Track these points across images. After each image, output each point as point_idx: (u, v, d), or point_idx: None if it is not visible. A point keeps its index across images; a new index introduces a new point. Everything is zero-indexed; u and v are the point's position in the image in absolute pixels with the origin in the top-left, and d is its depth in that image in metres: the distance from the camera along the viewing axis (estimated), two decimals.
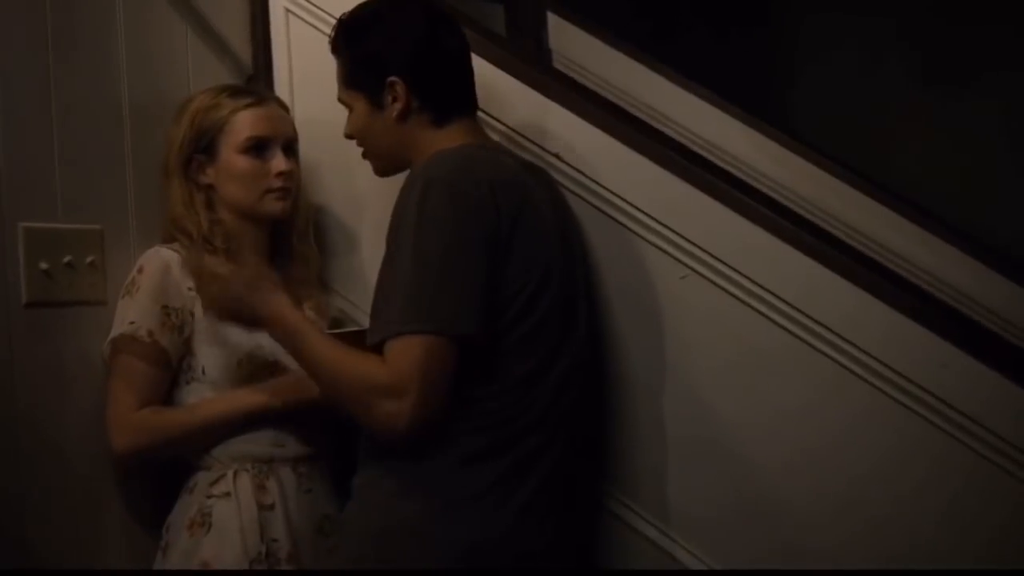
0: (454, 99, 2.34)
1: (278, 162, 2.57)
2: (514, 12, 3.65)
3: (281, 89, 2.80)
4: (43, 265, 2.39)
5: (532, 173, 2.35)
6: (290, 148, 2.62)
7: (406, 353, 2.06)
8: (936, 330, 2.19)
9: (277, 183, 2.57)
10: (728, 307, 2.34)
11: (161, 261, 2.49)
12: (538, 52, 3.55)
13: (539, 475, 2.18)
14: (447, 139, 2.28)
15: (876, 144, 4.51)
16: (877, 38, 4.71)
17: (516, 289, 2.14)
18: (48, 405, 2.41)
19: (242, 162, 2.55)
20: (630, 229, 2.42)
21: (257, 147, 2.56)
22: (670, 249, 2.38)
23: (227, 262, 2.48)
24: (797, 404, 2.29)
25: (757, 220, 2.32)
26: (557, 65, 3.54)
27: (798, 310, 2.29)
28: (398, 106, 2.29)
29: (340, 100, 2.38)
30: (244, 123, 2.56)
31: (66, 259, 2.43)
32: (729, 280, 2.34)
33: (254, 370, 2.48)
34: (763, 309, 2.31)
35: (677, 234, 2.37)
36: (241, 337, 2.46)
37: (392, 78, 2.28)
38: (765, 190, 3.26)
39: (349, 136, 2.40)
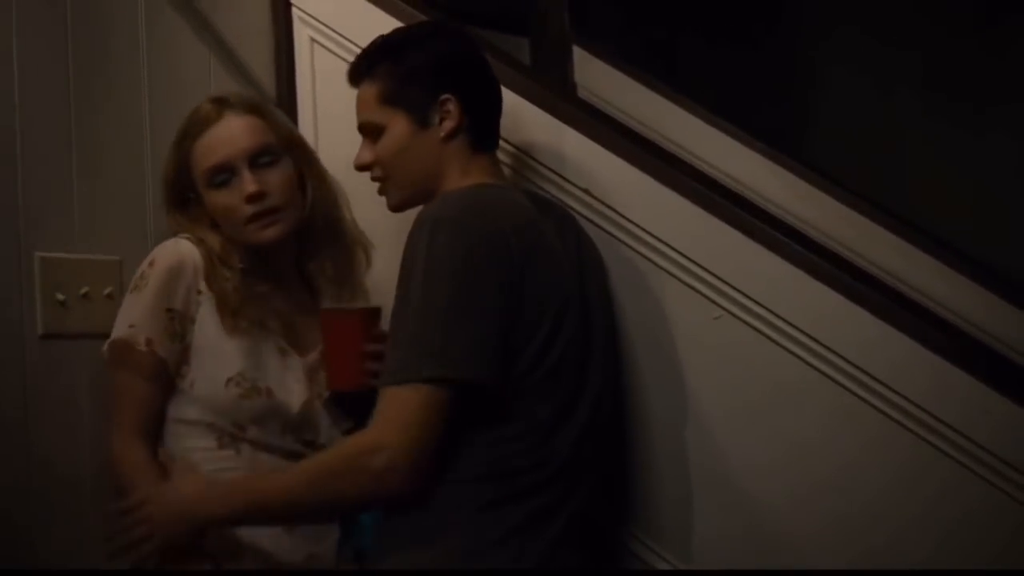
0: (494, 126, 2.30)
1: (242, 188, 2.33)
2: (539, 45, 3.62)
3: (305, 119, 2.76)
4: (59, 296, 2.35)
5: (548, 212, 2.30)
6: (261, 159, 2.36)
7: (399, 403, 2.01)
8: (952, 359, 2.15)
9: (251, 209, 2.33)
10: (757, 345, 2.29)
11: (175, 256, 2.33)
12: (563, 85, 3.51)
13: (561, 521, 2.12)
14: (473, 175, 2.23)
15: (889, 173, 4.47)
16: (892, 68, 4.68)
17: (532, 329, 2.08)
18: (62, 437, 2.37)
19: (214, 198, 2.35)
20: (660, 267, 2.36)
21: (219, 177, 2.34)
22: (700, 287, 2.33)
23: (250, 282, 2.37)
24: (814, 436, 2.24)
25: (790, 257, 2.27)
26: (581, 98, 3.50)
27: (828, 347, 2.23)
28: (449, 124, 2.22)
29: (367, 123, 2.28)
30: (200, 156, 2.35)
31: (83, 290, 2.39)
32: (758, 318, 2.28)
33: (243, 393, 2.32)
34: (790, 346, 2.26)
35: (708, 271, 2.32)
36: (237, 354, 2.33)
37: (445, 95, 2.22)
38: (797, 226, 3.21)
39: (367, 166, 2.30)
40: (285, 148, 2.41)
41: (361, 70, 2.29)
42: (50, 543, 2.32)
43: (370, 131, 2.28)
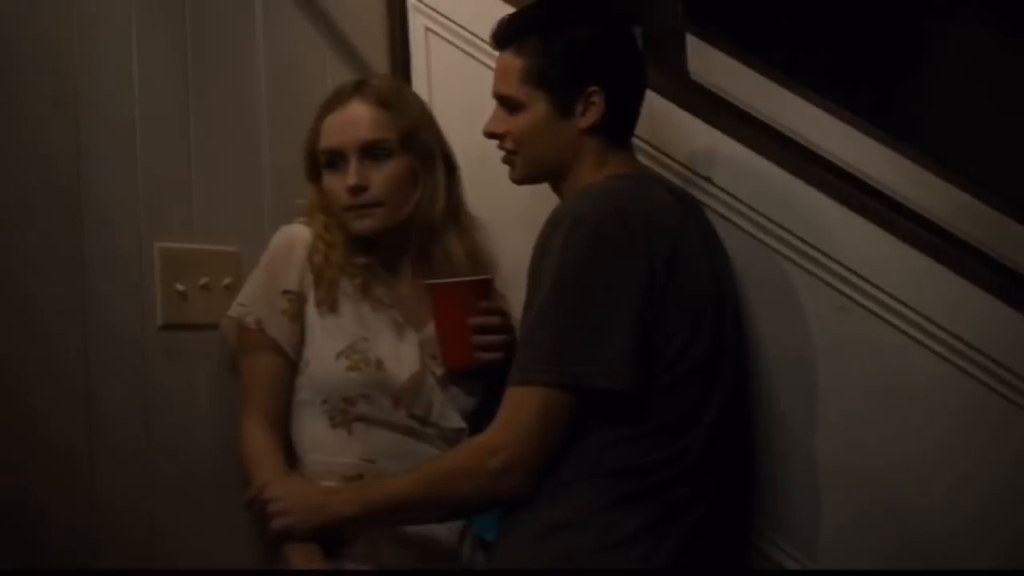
0: (634, 119, 2.25)
1: (347, 176, 2.34)
2: (653, 34, 3.55)
3: None
4: (179, 287, 2.35)
5: (683, 203, 2.24)
6: (371, 153, 2.35)
7: (520, 404, 2.02)
8: None
9: (348, 200, 2.35)
10: (885, 336, 2.23)
11: (286, 239, 2.39)
12: (678, 74, 3.45)
13: (691, 519, 2.08)
14: (609, 166, 2.18)
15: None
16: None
17: (673, 329, 2.05)
18: (181, 428, 2.37)
19: (325, 179, 2.39)
20: (784, 255, 2.31)
21: (332, 161, 2.37)
22: (827, 277, 2.27)
23: (356, 259, 2.39)
24: (946, 428, 2.18)
25: (921, 247, 2.21)
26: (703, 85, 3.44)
27: (958, 337, 2.17)
28: (592, 117, 2.17)
29: (505, 96, 2.22)
30: (323, 135, 2.38)
31: (202, 281, 2.39)
32: (887, 308, 2.22)
33: (352, 365, 2.31)
34: (920, 336, 2.20)
35: (836, 261, 2.26)
36: (348, 327, 2.34)
37: (593, 87, 2.16)
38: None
39: (498, 135, 2.25)
40: (403, 144, 2.38)
41: (508, 37, 2.23)
42: (175, 532, 2.33)
43: (506, 104, 2.23)
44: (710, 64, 3.64)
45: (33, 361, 2.15)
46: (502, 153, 2.28)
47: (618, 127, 2.20)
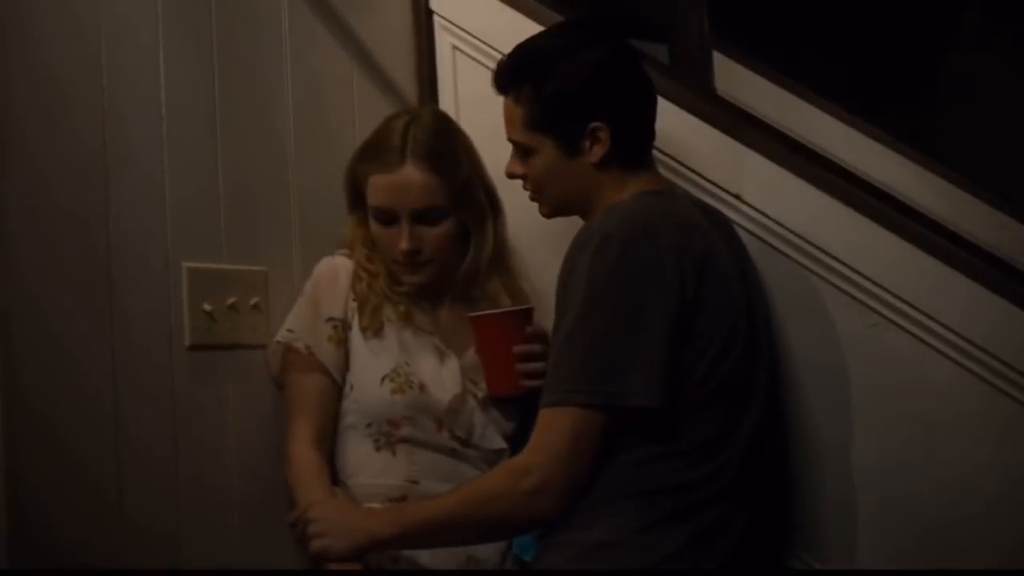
0: (648, 141, 2.23)
1: (399, 238, 2.38)
2: (678, 50, 3.54)
3: None
4: (207, 307, 2.34)
5: (709, 217, 2.23)
6: (424, 216, 2.38)
7: (553, 426, 2.01)
8: None
9: (402, 258, 2.40)
10: (920, 355, 2.21)
11: (330, 268, 2.45)
12: (704, 90, 3.44)
13: (730, 539, 2.07)
14: (632, 186, 2.17)
15: None
16: None
17: (704, 346, 2.04)
18: (209, 448, 2.35)
19: (374, 227, 2.43)
20: (816, 273, 2.30)
21: (383, 217, 2.40)
22: (859, 295, 2.26)
23: (414, 297, 2.45)
24: (990, 455, 2.16)
25: (956, 265, 2.19)
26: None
27: (995, 357, 2.15)
28: (600, 151, 2.16)
29: (515, 142, 2.24)
30: (374, 188, 2.40)
31: (230, 301, 2.38)
32: (921, 327, 2.21)
33: (396, 388, 2.36)
34: (952, 353, 2.18)
35: (867, 278, 2.25)
36: (391, 353, 2.39)
37: (595, 123, 2.15)
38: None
39: (517, 176, 2.27)
40: (456, 205, 2.41)
41: (505, 83, 2.23)
42: (203, 555, 2.31)
43: (518, 148, 2.24)
44: (736, 81, 3.63)
45: (60, 383, 2.13)
46: None
47: (631, 152, 2.20)
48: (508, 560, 2.38)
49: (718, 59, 3.62)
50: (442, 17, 2.79)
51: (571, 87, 2.15)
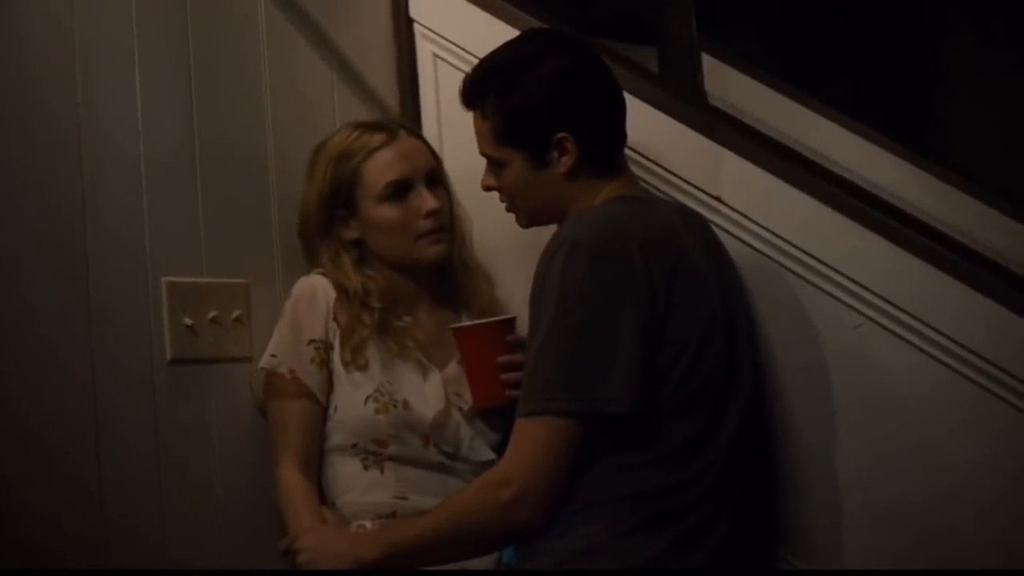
0: (618, 146, 2.22)
1: (424, 201, 2.41)
2: (667, 53, 3.53)
3: (429, 136, 2.70)
4: (187, 321, 2.33)
5: (686, 220, 2.22)
6: (433, 179, 2.45)
7: (528, 436, 2.01)
8: None
9: (427, 225, 2.41)
10: (905, 356, 2.19)
11: (309, 289, 2.42)
12: (693, 93, 3.43)
13: (712, 543, 2.05)
14: (605, 192, 2.16)
15: None
16: None
17: (678, 350, 2.02)
18: (191, 462, 2.35)
19: (386, 212, 2.42)
20: (798, 275, 2.28)
21: (397, 191, 2.41)
22: (843, 296, 2.24)
23: (388, 319, 2.43)
24: (977, 457, 2.14)
25: (940, 265, 2.17)
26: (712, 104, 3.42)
27: (984, 359, 2.12)
28: (568, 161, 2.15)
29: (485, 155, 2.24)
30: (378, 169, 2.41)
31: (211, 314, 2.38)
32: (907, 327, 2.18)
33: (380, 407, 2.36)
34: (938, 354, 2.16)
35: (851, 280, 2.23)
36: (372, 372, 2.38)
37: (561, 134, 2.14)
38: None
39: (493, 188, 2.27)
40: (442, 176, 2.49)
41: (470, 98, 2.23)
42: (182, 561, 2.31)
43: (490, 162, 2.25)
44: (726, 83, 3.63)
45: (42, 398, 2.14)
46: None
47: (601, 159, 2.18)
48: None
49: (708, 61, 3.62)
50: (423, 26, 2.77)
51: (533, 100, 2.15)
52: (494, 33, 2.55)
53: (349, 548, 2.14)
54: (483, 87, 2.21)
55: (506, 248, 2.56)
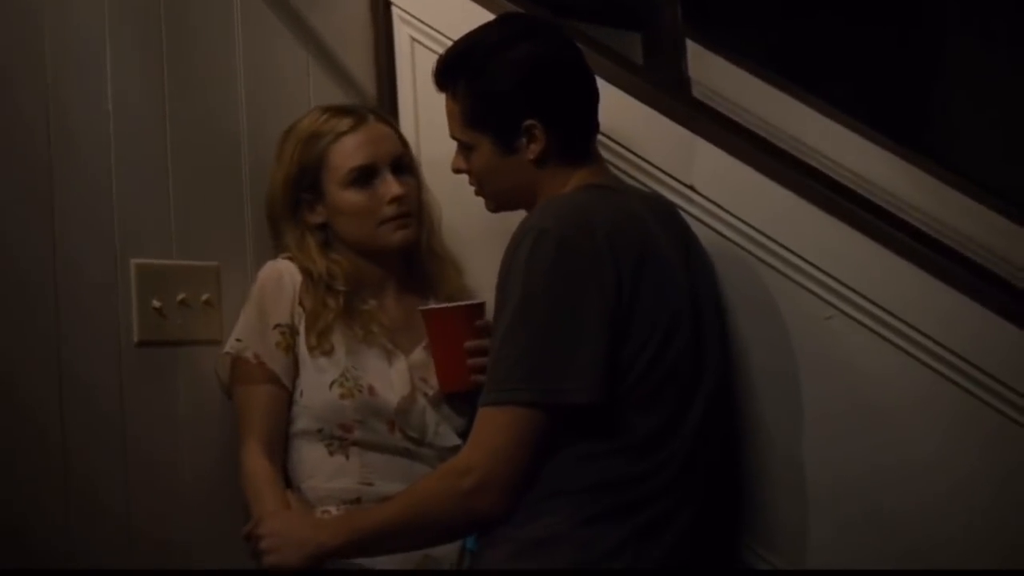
0: (588, 135, 2.21)
1: (388, 187, 2.41)
2: (652, 40, 3.52)
3: (406, 120, 2.71)
4: (155, 303, 2.33)
5: (656, 209, 2.21)
6: (400, 166, 2.45)
7: (491, 424, 2.00)
8: None
9: (391, 211, 2.41)
10: (874, 348, 2.17)
11: (275, 272, 2.41)
12: (677, 80, 3.41)
13: (674, 533, 2.04)
14: (574, 180, 2.15)
15: None
16: None
17: (643, 341, 2.01)
18: (160, 447, 2.35)
19: (350, 196, 2.41)
20: (770, 265, 2.26)
21: (362, 177, 2.41)
22: (814, 287, 2.22)
23: (354, 303, 2.42)
24: (934, 440, 2.12)
25: (910, 257, 2.15)
26: (696, 94, 3.40)
27: (947, 347, 2.11)
28: (536, 148, 2.14)
29: (455, 138, 2.23)
30: (343, 154, 2.41)
31: (180, 297, 2.37)
32: (877, 320, 2.17)
33: (345, 392, 2.36)
34: (908, 347, 2.14)
35: (822, 271, 2.21)
36: (338, 357, 2.38)
37: (529, 121, 2.12)
38: (919, 225, 3.07)
39: (462, 171, 2.26)
40: (414, 163, 2.51)
41: (442, 80, 2.22)
42: (149, 551, 2.31)
43: (460, 145, 2.24)
44: (710, 70, 3.61)
45: (5, 379, 2.13)
46: None
47: (570, 147, 2.17)
48: (465, 558, 2.35)
49: (692, 48, 3.60)
50: (401, 9, 2.75)
51: (503, 85, 2.14)
52: (472, 17, 2.53)
53: (312, 534, 2.14)
54: (454, 69, 2.20)
55: (476, 235, 2.55)
